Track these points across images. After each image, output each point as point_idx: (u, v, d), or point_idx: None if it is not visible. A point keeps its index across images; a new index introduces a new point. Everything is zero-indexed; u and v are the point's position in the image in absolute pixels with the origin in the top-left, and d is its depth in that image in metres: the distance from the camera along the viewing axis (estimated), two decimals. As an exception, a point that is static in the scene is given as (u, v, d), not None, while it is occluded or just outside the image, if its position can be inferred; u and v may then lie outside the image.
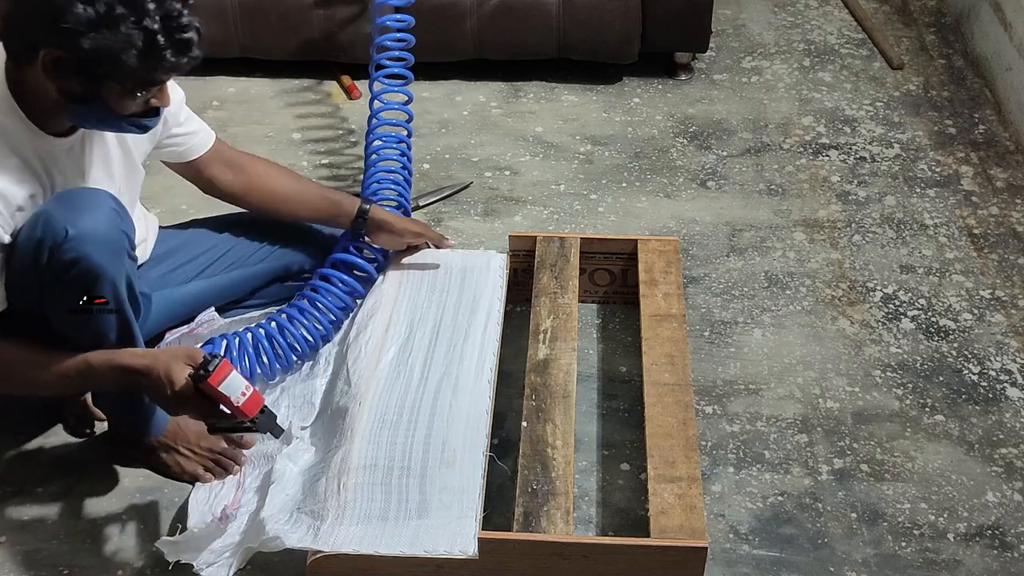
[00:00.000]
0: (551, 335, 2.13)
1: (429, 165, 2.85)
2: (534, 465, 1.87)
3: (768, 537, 1.95)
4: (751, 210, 2.72)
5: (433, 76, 3.11)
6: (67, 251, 1.68)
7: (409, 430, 1.91)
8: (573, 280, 2.25)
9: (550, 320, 2.16)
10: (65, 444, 2.10)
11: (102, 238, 1.71)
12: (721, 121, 3.04)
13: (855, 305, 2.44)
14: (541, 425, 1.94)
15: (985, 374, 2.28)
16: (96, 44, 1.59)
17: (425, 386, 1.99)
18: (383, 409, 1.94)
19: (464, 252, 2.34)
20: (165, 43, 1.61)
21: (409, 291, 2.22)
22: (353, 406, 1.96)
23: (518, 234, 2.37)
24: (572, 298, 2.21)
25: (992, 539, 1.95)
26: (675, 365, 2.07)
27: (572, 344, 2.11)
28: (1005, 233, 2.65)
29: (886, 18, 3.52)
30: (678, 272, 2.28)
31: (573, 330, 2.14)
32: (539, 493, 1.81)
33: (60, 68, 1.63)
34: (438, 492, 1.81)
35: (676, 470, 1.86)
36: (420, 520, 1.78)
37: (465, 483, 1.83)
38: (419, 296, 2.20)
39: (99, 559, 1.91)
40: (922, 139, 2.97)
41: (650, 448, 1.91)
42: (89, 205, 1.73)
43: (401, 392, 1.98)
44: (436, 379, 2.01)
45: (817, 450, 2.11)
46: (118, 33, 1.59)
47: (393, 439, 1.89)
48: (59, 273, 1.70)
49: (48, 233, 1.68)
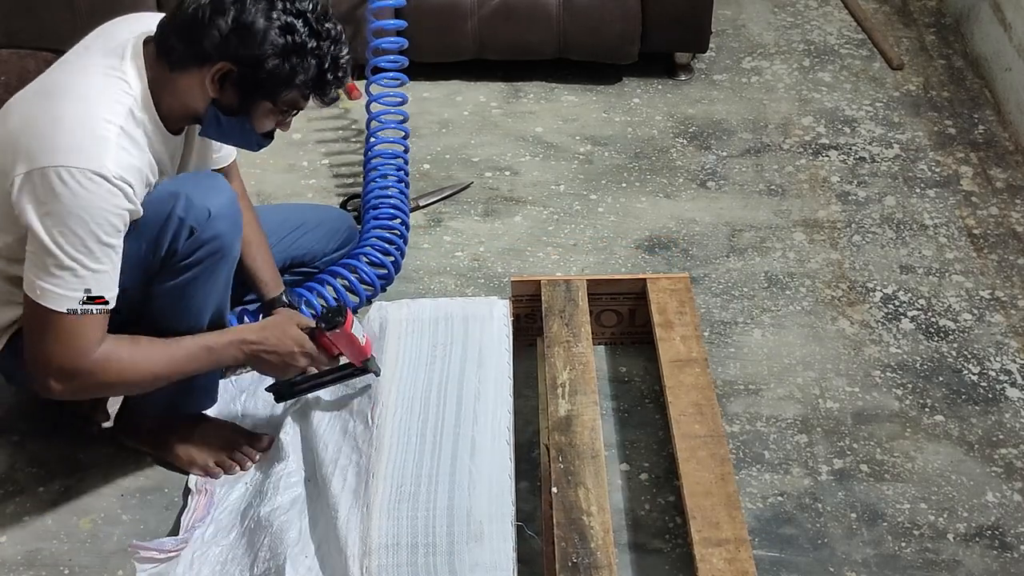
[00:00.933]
0: (570, 388, 2.01)
1: (429, 165, 2.85)
2: (571, 536, 1.74)
3: (768, 537, 1.95)
4: (751, 210, 2.72)
5: (433, 76, 3.12)
6: (207, 230, 1.80)
7: (429, 502, 1.77)
8: (585, 327, 2.14)
9: (567, 372, 2.04)
10: (65, 444, 2.11)
11: (232, 219, 1.85)
12: (721, 121, 3.04)
13: (855, 305, 2.44)
14: (572, 490, 1.81)
15: (985, 374, 2.28)
16: (277, 69, 1.72)
17: (440, 452, 1.85)
18: (399, 480, 1.81)
19: (464, 300, 2.21)
20: (332, 79, 1.78)
21: (410, 347, 2.06)
22: (366, 478, 1.83)
23: (521, 279, 2.26)
24: (587, 346, 2.09)
25: (992, 539, 1.95)
26: (704, 415, 1.97)
27: (593, 398, 1.99)
28: (1005, 233, 2.65)
29: (886, 18, 3.52)
30: (693, 312, 2.18)
31: (592, 382, 2.02)
32: (580, 567, 1.70)
33: (226, 81, 1.73)
34: (468, 570, 1.70)
35: (722, 532, 1.76)
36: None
37: (496, 558, 1.71)
38: (421, 352, 2.05)
39: (99, 559, 1.91)
40: (922, 139, 2.97)
41: (691, 509, 1.80)
42: (219, 188, 1.85)
43: (415, 460, 1.84)
44: (450, 443, 1.87)
45: (817, 450, 2.11)
46: (299, 63, 1.73)
47: (414, 513, 1.75)
48: (193, 250, 1.80)
49: (190, 213, 1.78)
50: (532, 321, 2.26)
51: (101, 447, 2.10)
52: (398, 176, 2.60)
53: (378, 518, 1.75)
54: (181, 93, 1.76)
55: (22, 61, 2.88)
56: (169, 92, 1.76)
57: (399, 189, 2.56)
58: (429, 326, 2.11)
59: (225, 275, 1.90)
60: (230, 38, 1.70)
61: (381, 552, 1.71)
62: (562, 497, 1.81)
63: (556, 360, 2.08)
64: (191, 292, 1.85)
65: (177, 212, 1.78)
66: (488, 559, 1.71)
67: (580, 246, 2.60)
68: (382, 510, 1.76)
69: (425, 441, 1.88)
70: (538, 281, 2.25)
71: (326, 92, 1.80)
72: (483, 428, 1.90)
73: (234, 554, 1.85)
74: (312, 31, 1.73)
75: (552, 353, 2.09)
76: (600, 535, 1.75)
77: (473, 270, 2.53)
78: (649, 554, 1.93)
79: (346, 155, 2.89)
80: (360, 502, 1.80)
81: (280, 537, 1.81)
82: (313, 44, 1.73)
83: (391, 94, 2.74)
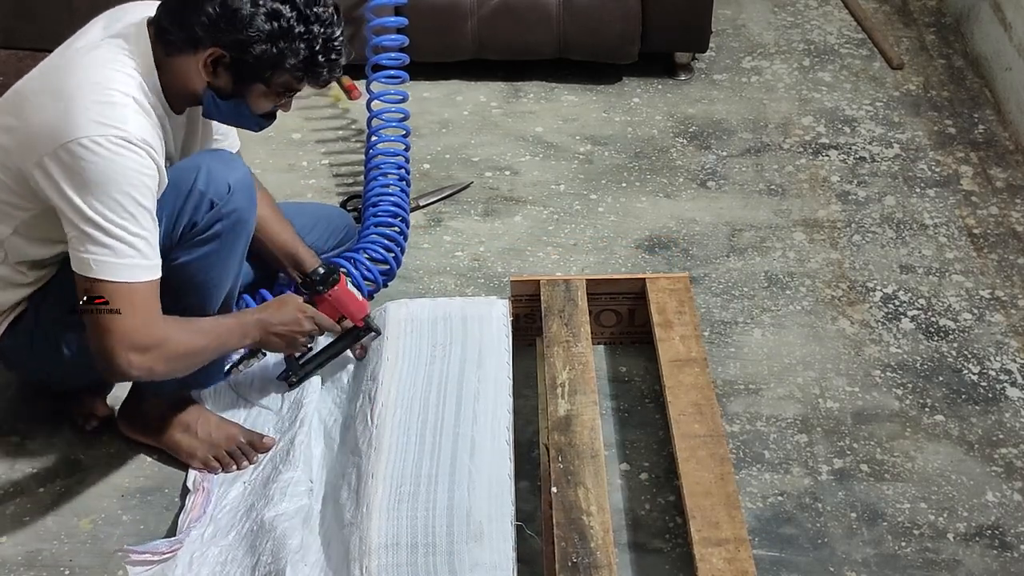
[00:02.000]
0: (570, 388, 2.00)
1: (429, 165, 2.85)
2: (571, 535, 1.74)
3: (768, 537, 1.95)
4: (751, 210, 2.72)
5: (433, 76, 3.11)
6: (227, 203, 1.84)
7: (429, 502, 1.77)
8: (585, 327, 2.13)
9: (567, 372, 2.04)
10: (65, 444, 2.11)
11: (249, 194, 1.89)
12: (721, 121, 3.04)
13: (855, 305, 2.44)
14: (572, 490, 1.81)
15: (985, 374, 2.28)
16: (265, 53, 1.74)
17: (439, 452, 1.85)
18: (398, 480, 1.81)
19: (464, 300, 2.20)
20: (323, 61, 1.79)
21: (409, 347, 2.07)
22: (365, 479, 1.83)
23: (520, 279, 2.26)
24: (586, 346, 2.09)
25: (992, 539, 1.95)
26: (704, 415, 1.97)
27: (592, 397, 1.99)
28: (1005, 233, 2.65)
29: (886, 18, 3.52)
30: (692, 311, 2.18)
31: (591, 381, 2.02)
32: (580, 567, 1.69)
33: (218, 66, 1.75)
34: (468, 570, 1.69)
35: (721, 531, 1.76)
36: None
37: (496, 558, 1.71)
38: (420, 352, 2.05)
39: (99, 559, 1.91)
40: (922, 139, 2.97)
41: (691, 508, 1.80)
42: (236, 164, 1.90)
43: (415, 460, 1.84)
44: (450, 443, 1.87)
45: (817, 450, 2.11)
46: (286, 47, 1.74)
47: (413, 513, 1.75)
48: (212, 223, 1.84)
49: (211, 186, 1.83)
50: (532, 321, 2.25)
51: (101, 447, 2.10)
52: (399, 175, 2.60)
53: (378, 518, 1.75)
54: (179, 75, 1.78)
55: (20, 62, 2.88)
56: (169, 74, 1.79)
57: (400, 188, 2.56)
58: (428, 326, 2.11)
59: (241, 250, 1.92)
60: (218, 23, 1.72)
61: (381, 552, 1.71)
62: (562, 497, 1.81)
63: (556, 360, 2.07)
64: (207, 267, 1.87)
65: (198, 186, 1.82)
66: (488, 559, 1.71)
67: (580, 246, 2.60)
68: (381, 510, 1.76)
69: (424, 441, 1.88)
70: (537, 281, 2.25)
71: (318, 75, 1.81)
72: (483, 428, 1.90)
73: (234, 555, 1.84)
74: (300, 15, 1.73)
75: (551, 353, 2.09)
76: (600, 535, 1.75)
77: (473, 270, 2.53)
78: (649, 554, 1.93)
79: (346, 155, 2.89)
80: (361, 503, 1.79)
81: (283, 543, 1.81)
82: (301, 28, 1.74)
83: (392, 92, 2.73)
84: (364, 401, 1.99)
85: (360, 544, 1.73)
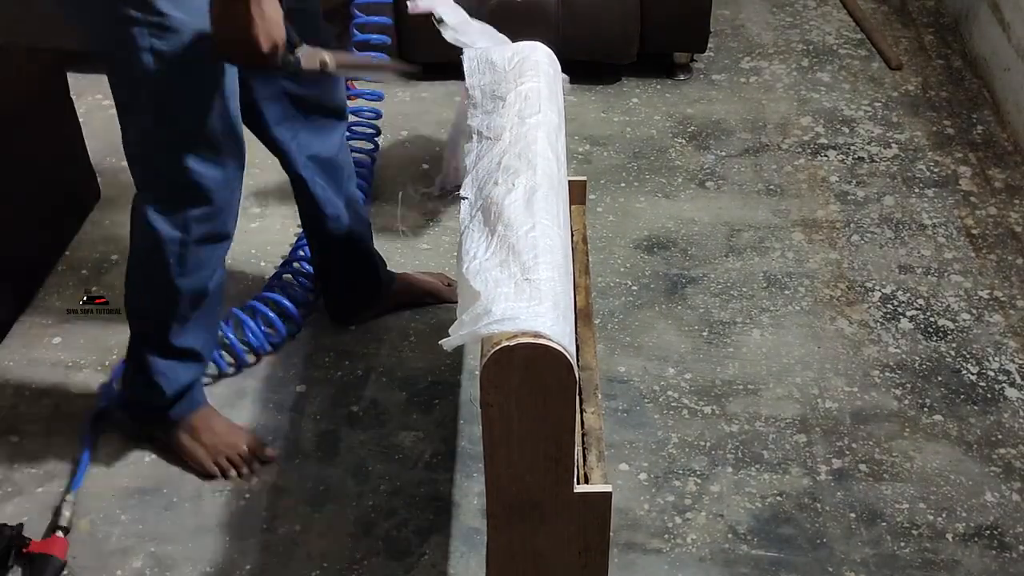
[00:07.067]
0: None
1: (428, 165, 2.85)
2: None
3: (767, 537, 1.95)
4: (750, 210, 2.72)
5: (433, 76, 3.11)
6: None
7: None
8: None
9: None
10: (65, 444, 2.11)
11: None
12: (720, 121, 3.04)
13: (854, 305, 2.45)
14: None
15: (984, 374, 2.28)
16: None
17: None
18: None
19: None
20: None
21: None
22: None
23: None
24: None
25: (991, 539, 1.95)
26: None
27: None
28: (1003, 233, 2.65)
29: (885, 18, 3.52)
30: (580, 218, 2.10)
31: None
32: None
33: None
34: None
35: None
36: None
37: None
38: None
39: (99, 559, 1.91)
40: (920, 139, 2.97)
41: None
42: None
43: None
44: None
45: (816, 450, 2.12)
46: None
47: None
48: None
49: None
50: None
51: (101, 447, 2.10)
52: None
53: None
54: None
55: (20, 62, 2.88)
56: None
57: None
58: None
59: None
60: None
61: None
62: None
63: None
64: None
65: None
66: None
67: (579, 246, 2.60)
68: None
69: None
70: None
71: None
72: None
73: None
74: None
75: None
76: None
77: (472, 270, 2.53)
78: (649, 554, 1.93)
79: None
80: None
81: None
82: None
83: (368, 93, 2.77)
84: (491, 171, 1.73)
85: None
